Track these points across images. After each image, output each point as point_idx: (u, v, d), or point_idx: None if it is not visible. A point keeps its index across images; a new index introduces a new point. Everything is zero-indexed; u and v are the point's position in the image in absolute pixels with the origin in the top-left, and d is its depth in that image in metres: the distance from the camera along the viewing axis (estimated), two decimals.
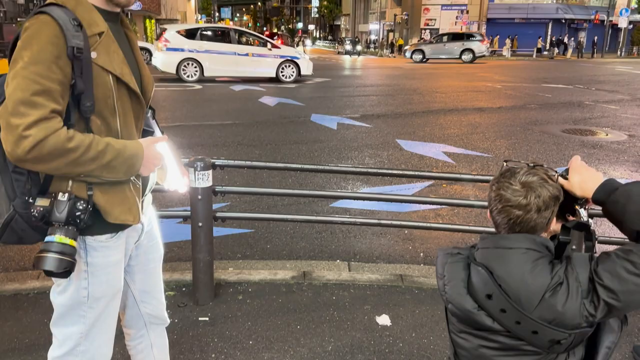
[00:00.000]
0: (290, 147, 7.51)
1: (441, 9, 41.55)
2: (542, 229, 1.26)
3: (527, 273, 1.19)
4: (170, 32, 15.53)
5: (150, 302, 1.85)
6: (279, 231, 4.45)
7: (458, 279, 1.28)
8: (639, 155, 7.32)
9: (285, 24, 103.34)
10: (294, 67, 16.19)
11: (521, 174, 1.24)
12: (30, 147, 1.26)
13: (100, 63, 1.41)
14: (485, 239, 1.31)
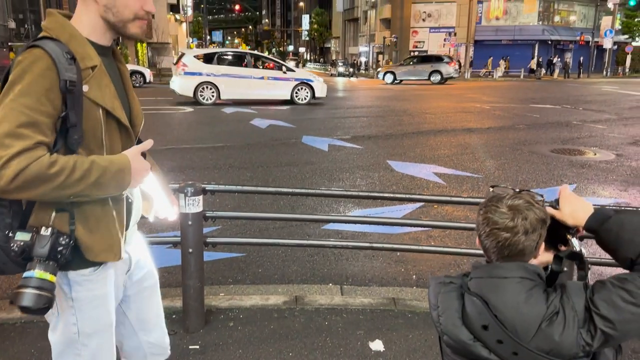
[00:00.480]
0: (282, 169, 7.51)
1: (429, 32, 42.25)
2: (530, 253, 1.26)
3: (522, 303, 1.19)
4: (188, 57, 15.98)
5: (150, 330, 1.81)
6: (271, 255, 4.42)
7: (452, 310, 1.27)
8: (627, 175, 7.40)
9: (277, 46, 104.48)
10: (308, 89, 16.57)
11: (507, 198, 1.26)
12: (12, 177, 1.24)
13: (92, 97, 1.41)
14: (478, 268, 1.30)
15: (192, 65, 15.63)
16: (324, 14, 71.01)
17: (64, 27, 1.44)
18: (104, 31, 1.50)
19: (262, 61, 17.73)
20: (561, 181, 6.94)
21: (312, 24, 72.93)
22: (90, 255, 1.47)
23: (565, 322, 1.16)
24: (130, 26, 1.50)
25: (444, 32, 41.59)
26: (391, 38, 42.83)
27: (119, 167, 1.43)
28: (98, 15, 1.47)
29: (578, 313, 1.16)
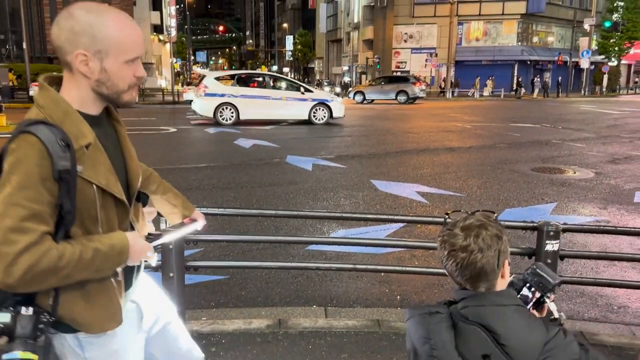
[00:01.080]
0: (266, 189, 7.49)
1: (411, 52, 42.91)
2: (493, 272, 1.26)
3: (525, 329, 1.21)
4: (209, 79, 16.64)
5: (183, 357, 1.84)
6: (254, 277, 4.38)
7: (447, 342, 1.25)
8: (607, 193, 7.52)
9: (261, 66, 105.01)
10: (325, 109, 16.82)
11: (461, 221, 1.28)
12: (22, 274, 1.24)
13: (86, 176, 1.38)
14: (471, 297, 1.28)
15: (212, 86, 16.15)
16: (307, 35, 71.81)
17: (57, 103, 1.39)
18: (95, 103, 1.47)
19: (280, 82, 18.05)
20: (542, 199, 7.03)
21: (295, 44, 73.62)
22: (95, 329, 1.46)
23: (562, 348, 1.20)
24: (124, 96, 1.47)
25: (426, 53, 42.26)
26: (374, 58, 43.39)
27: (120, 251, 1.42)
28: (90, 89, 1.43)
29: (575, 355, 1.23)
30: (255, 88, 17.03)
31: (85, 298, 1.42)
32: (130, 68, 1.44)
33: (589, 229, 3.52)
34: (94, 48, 1.37)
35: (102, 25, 1.37)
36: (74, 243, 1.35)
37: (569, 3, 45.22)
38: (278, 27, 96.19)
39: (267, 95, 16.47)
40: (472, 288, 1.28)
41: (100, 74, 1.40)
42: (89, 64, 1.38)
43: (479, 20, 42.25)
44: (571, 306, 3.90)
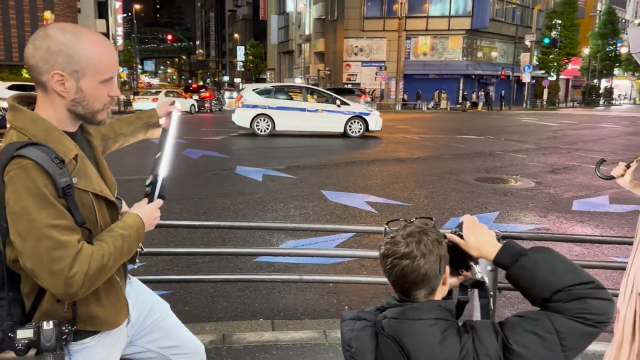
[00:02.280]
0: (214, 201, 7.34)
1: (362, 65, 43.58)
2: (435, 277, 1.24)
3: (436, 346, 1.16)
4: (247, 91, 17.04)
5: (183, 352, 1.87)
6: (199, 291, 4.25)
7: (367, 351, 1.24)
8: (547, 201, 7.83)
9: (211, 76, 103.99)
10: (361, 123, 16.65)
11: (400, 230, 1.27)
12: (80, 283, 1.32)
13: (82, 186, 1.42)
14: (393, 308, 1.26)
15: (250, 98, 16.50)
16: (259, 46, 71.74)
17: (36, 122, 1.41)
18: (71, 121, 1.49)
19: (317, 95, 17.85)
20: (485, 208, 7.23)
21: (247, 55, 73.39)
22: (108, 326, 1.54)
23: None
24: (98, 115, 1.50)
25: (375, 66, 43.05)
26: (325, 71, 43.80)
27: (137, 226, 1.52)
28: (65, 109, 1.45)
29: (492, 358, 1.15)
30: (291, 100, 17.01)
31: (96, 299, 1.49)
32: (105, 87, 1.47)
33: (528, 237, 3.63)
34: (70, 68, 1.38)
35: (78, 46, 1.38)
36: (103, 239, 1.43)
37: (511, 20, 47.29)
38: (229, 38, 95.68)
39: (303, 107, 16.55)
40: (411, 297, 1.26)
41: (76, 94, 1.42)
42: (65, 83, 1.40)
43: (426, 35, 43.49)
44: (513, 312, 4.00)
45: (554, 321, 1.14)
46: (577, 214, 7.06)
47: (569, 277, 1.16)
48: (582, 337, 1.14)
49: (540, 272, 1.18)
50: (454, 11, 42.44)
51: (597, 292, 1.15)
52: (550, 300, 1.17)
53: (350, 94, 31.81)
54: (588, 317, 1.13)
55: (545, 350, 1.13)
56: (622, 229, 6.24)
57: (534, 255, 1.21)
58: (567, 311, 1.14)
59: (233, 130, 17.48)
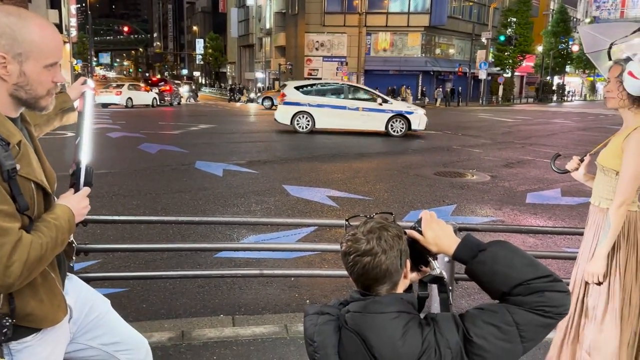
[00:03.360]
0: (173, 196, 7.20)
1: (323, 60, 43.59)
2: (397, 272, 1.25)
3: (398, 339, 1.17)
4: (289, 88, 16.91)
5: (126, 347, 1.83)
6: (157, 288, 4.16)
7: (329, 346, 1.23)
8: (501, 194, 8.05)
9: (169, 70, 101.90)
10: (403, 121, 16.23)
11: (361, 226, 1.27)
12: (19, 273, 1.29)
13: (24, 174, 1.38)
14: (356, 302, 1.26)
15: (291, 95, 16.44)
16: (218, 39, 70.67)
17: None
18: (13, 107, 1.44)
19: (358, 93, 17.31)
20: (443, 201, 7.38)
21: (206, 48, 72.18)
22: (46, 323, 1.50)
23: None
24: (41, 101, 1.46)
25: (337, 62, 43.15)
26: (286, 65, 43.61)
27: (68, 217, 1.49)
28: (7, 93, 1.40)
29: (452, 350, 1.16)
30: (332, 98, 16.69)
31: (33, 294, 1.45)
32: (50, 73, 1.43)
33: (483, 228, 3.72)
34: (13, 51, 1.34)
35: (23, 29, 1.35)
36: (39, 228, 1.39)
37: (468, 17, 48.26)
38: (187, 30, 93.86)
39: (344, 105, 16.27)
40: (373, 292, 1.26)
41: (19, 77, 1.38)
42: (7, 66, 1.35)
43: (386, 32, 43.87)
44: (470, 302, 4.09)
45: (513, 313, 1.16)
46: (531, 207, 7.29)
47: (527, 271, 1.19)
48: (540, 329, 1.17)
49: (499, 267, 1.20)
50: (413, 8, 42.96)
51: (555, 285, 1.18)
52: (509, 294, 1.19)
53: None
54: (547, 309, 1.16)
55: (505, 342, 1.16)
56: (573, 220, 6.49)
57: (493, 250, 1.23)
58: (526, 304, 1.16)
59: (192, 124, 17.19)
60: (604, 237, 2.31)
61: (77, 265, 3.87)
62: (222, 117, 23.66)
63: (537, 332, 1.17)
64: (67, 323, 1.64)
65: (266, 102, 32.03)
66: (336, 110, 16.36)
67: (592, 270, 2.33)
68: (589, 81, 66.53)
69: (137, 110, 26.44)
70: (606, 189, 2.38)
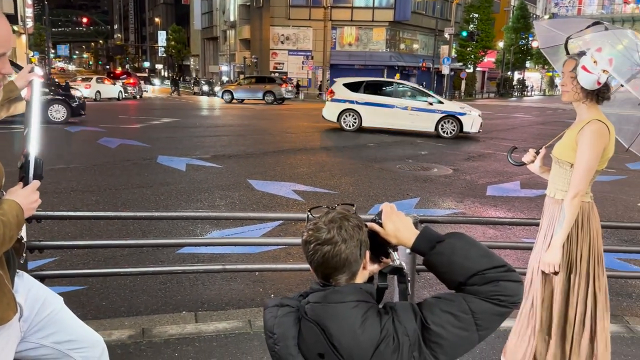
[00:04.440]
0: (133, 192, 7.04)
1: (289, 54, 43.39)
2: (356, 262, 1.25)
3: (357, 328, 1.18)
4: (337, 85, 16.46)
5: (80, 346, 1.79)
6: (117, 285, 4.07)
7: (289, 337, 1.23)
8: (463, 187, 8.21)
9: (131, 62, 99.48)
10: (455, 123, 15.32)
11: (322, 216, 1.27)
12: None
13: None
14: (316, 293, 1.26)
15: (339, 92, 16.04)
16: (181, 31, 69.32)
17: None
18: None
19: (409, 91, 16.57)
20: (407, 195, 7.47)
21: (169, 40, 70.70)
22: None
23: (399, 349, 1.17)
24: None
25: (302, 55, 43.03)
26: (251, 58, 43.20)
27: (16, 212, 1.44)
28: None
29: (410, 337, 1.18)
30: (380, 96, 15.97)
31: None
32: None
33: (444, 220, 3.78)
34: None
35: None
36: None
37: (431, 13, 48.84)
38: (149, 22, 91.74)
39: (392, 103, 15.60)
40: (332, 282, 1.26)
41: None
42: None
43: (352, 26, 43.98)
44: (432, 293, 4.16)
45: (469, 302, 1.19)
46: (491, 199, 7.47)
47: (483, 261, 1.22)
48: (495, 317, 1.20)
49: (456, 257, 1.23)
50: (378, 2, 43.19)
51: (509, 274, 1.21)
52: (465, 283, 1.22)
53: (272, 83, 31.60)
54: (501, 298, 1.19)
55: (461, 330, 1.18)
56: (531, 212, 6.68)
57: (450, 241, 1.26)
58: (481, 293, 1.19)
59: (155, 117, 16.84)
60: (559, 227, 2.38)
61: (32, 263, 3.75)
62: (185, 111, 23.27)
63: (492, 320, 1.20)
64: (17, 322, 1.59)
65: (226, 96, 31.58)
66: (384, 108, 15.68)
67: (549, 260, 2.40)
68: (548, 76, 68.43)
69: (100, 104, 25.76)
70: (561, 180, 2.45)
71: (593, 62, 2.26)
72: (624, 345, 3.33)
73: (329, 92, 16.69)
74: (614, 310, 4.00)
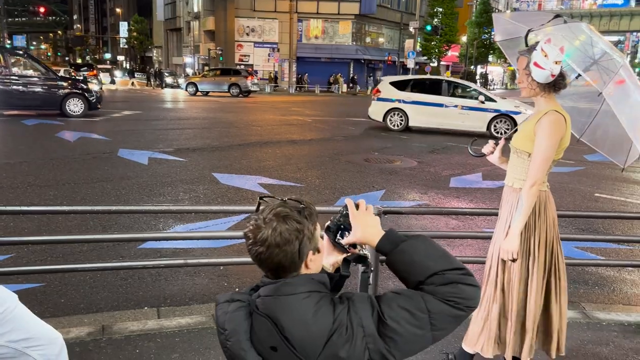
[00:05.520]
0: (93, 186, 6.85)
1: (254, 46, 42.99)
2: (293, 265, 1.22)
3: (309, 319, 1.16)
4: (384, 83, 15.83)
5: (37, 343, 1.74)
6: (76, 282, 3.95)
7: (241, 332, 1.21)
8: (427, 179, 8.32)
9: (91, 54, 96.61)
10: (509, 122, 14.20)
11: (267, 211, 1.23)
12: None
13: None
14: (267, 286, 1.24)
15: (385, 91, 15.32)
16: (144, 22, 67.69)
17: None
18: None
19: (459, 89, 15.56)
20: (373, 187, 7.52)
21: (131, 31, 68.97)
22: None
23: (352, 339, 1.16)
24: None
25: (268, 48, 42.70)
26: (216, 50, 42.59)
27: None
28: None
29: (365, 329, 1.17)
30: (428, 94, 14.98)
31: None
32: None
33: (407, 211, 3.82)
34: None
35: None
36: None
37: (397, 6, 49.20)
38: (110, 12, 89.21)
39: (440, 102, 14.65)
40: (274, 277, 1.25)
41: None
42: None
43: (318, 19, 43.88)
44: (397, 283, 4.20)
45: (427, 301, 1.20)
46: (454, 190, 7.59)
47: (443, 262, 1.24)
48: (450, 319, 1.21)
49: (417, 256, 1.25)
50: None
51: (467, 278, 1.23)
52: (424, 283, 1.23)
53: (237, 75, 31.16)
54: (458, 300, 1.20)
55: (416, 328, 1.19)
56: (493, 203, 6.82)
57: (413, 242, 1.28)
58: (439, 294, 1.21)
59: (116, 110, 16.40)
60: (517, 215, 2.43)
61: None
62: (147, 103, 22.78)
63: (447, 322, 1.21)
64: None
65: (190, 88, 30.91)
66: (432, 107, 14.78)
67: (507, 248, 2.45)
68: (510, 70, 70.02)
69: None
70: (519, 170, 2.50)
71: (544, 56, 2.30)
72: (581, 331, 3.45)
73: (375, 90, 15.93)
74: (572, 297, 4.14)
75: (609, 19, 66.35)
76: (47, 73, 14.92)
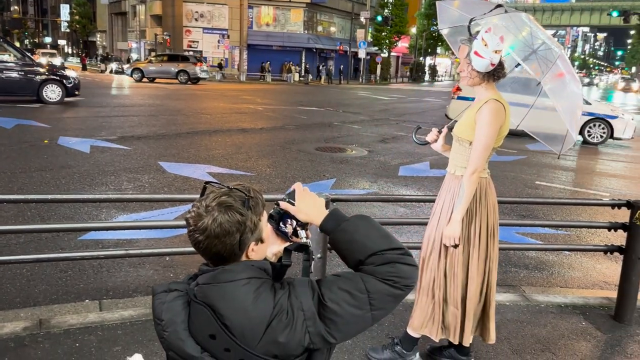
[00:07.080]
0: (31, 175, 6.52)
1: (203, 32, 42.01)
2: (233, 255, 1.20)
3: (249, 305, 1.14)
4: None
5: None
6: (12, 275, 3.76)
7: (178, 322, 1.17)
8: (377, 168, 8.43)
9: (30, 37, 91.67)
10: (605, 127, 13.00)
11: (211, 198, 1.19)
12: None
13: None
14: (205, 274, 1.21)
15: (465, 90, 13.58)
16: (86, 5, 64.71)
17: None
18: None
19: None
20: (324, 176, 7.54)
21: (73, 14, 65.86)
22: None
23: (293, 323, 1.15)
24: None
25: (218, 34, 41.83)
26: (163, 35, 41.34)
27: None
28: None
29: (306, 312, 1.16)
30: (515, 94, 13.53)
31: None
32: None
33: (355, 199, 3.85)
34: None
35: None
36: None
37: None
38: None
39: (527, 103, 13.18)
40: (214, 265, 1.22)
41: None
42: None
43: (269, 6, 43.34)
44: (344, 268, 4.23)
45: (366, 282, 1.21)
46: (403, 179, 7.73)
47: (382, 242, 1.25)
48: (389, 298, 1.22)
49: (358, 236, 1.26)
50: None
51: (405, 258, 1.24)
52: (364, 262, 1.24)
53: (185, 61, 30.35)
54: (396, 279, 1.21)
55: (355, 309, 1.19)
56: (439, 190, 6.98)
57: (354, 221, 1.29)
58: (378, 273, 1.21)
59: None
60: (459, 202, 2.49)
61: None
62: (90, 90, 21.84)
63: (386, 301, 1.22)
64: None
65: (135, 74, 29.84)
66: (517, 108, 14.32)
67: (449, 234, 2.50)
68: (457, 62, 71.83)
69: None
70: (461, 158, 2.55)
71: (484, 45, 2.34)
72: (520, 313, 3.59)
73: (455, 88, 14.78)
74: (512, 281, 4.31)
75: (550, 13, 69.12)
76: (24, 58, 14.32)
